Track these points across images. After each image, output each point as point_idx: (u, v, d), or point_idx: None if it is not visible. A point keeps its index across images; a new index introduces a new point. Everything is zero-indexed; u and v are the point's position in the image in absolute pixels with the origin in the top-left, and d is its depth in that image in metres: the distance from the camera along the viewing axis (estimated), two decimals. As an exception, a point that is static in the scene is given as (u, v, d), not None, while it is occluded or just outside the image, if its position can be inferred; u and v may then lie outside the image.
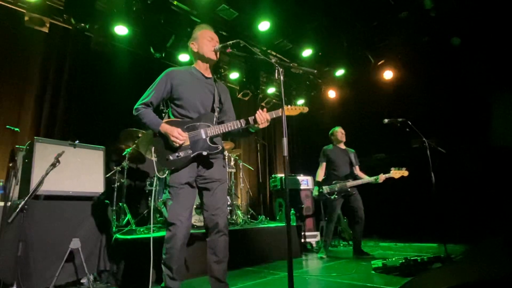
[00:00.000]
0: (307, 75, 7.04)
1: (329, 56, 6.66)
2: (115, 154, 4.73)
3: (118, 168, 4.30)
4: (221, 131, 2.20)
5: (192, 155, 2.12)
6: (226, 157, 5.05)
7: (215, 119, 2.25)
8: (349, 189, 4.29)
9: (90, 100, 4.88)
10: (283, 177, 5.33)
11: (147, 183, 4.46)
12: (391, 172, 4.20)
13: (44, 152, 2.92)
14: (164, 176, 2.11)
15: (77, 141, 3.21)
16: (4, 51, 4.26)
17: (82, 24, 4.62)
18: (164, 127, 2.11)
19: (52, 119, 4.53)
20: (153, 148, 2.14)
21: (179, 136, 2.08)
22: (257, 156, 6.79)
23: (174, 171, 2.11)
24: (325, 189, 4.34)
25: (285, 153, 1.91)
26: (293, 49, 6.40)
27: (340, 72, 6.90)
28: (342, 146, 4.67)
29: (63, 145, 3.07)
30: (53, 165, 2.60)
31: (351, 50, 6.54)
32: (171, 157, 2.09)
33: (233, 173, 5.23)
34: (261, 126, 2.17)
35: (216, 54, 2.32)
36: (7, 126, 3.09)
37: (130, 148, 4.31)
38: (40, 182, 2.61)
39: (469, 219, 4.75)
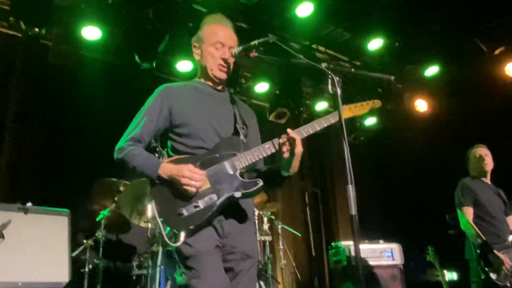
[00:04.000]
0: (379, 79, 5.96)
1: (413, 48, 5.54)
2: (86, 220, 4.28)
3: (90, 242, 3.86)
4: (254, 160, 1.78)
5: (219, 202, 1.67)
6: (256, 217, 4.35)
7: (242, 143, 1.83)
8: None
9: (48, 139, 4.37)
10: (352, 248, 4.72)
11: (134, 264, 3.89)
12: None
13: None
14: (177, 244, 1.59)
15: (30, 203, 3.11)
16: None
17: (36, 29, 4.06)
18: (167, 168, 1.70)
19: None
20: (154, 203, 1.75)
21: (193, 175, 1.64)
22: (306, 214, 5.45)
23: (192, 232, 1.65)
24: (491, 274, 3.34)
25: (353, 210, 1.44)
26: (353, 40, 5.30)
27: (432, 71, 5.73)
28: (487, 179, 3.81)
29: (9, 211, 3.01)
30: (-8, 243, 1.81)
31: (448, 36, 5.42)
32: (185, 212, 1.64)
33: (268, 242, 4.36)
34: (285, 155, 1.74)
35: (226, 70, 1.84)
36: None
37: (108, 210, 3.87)
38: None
39: None
